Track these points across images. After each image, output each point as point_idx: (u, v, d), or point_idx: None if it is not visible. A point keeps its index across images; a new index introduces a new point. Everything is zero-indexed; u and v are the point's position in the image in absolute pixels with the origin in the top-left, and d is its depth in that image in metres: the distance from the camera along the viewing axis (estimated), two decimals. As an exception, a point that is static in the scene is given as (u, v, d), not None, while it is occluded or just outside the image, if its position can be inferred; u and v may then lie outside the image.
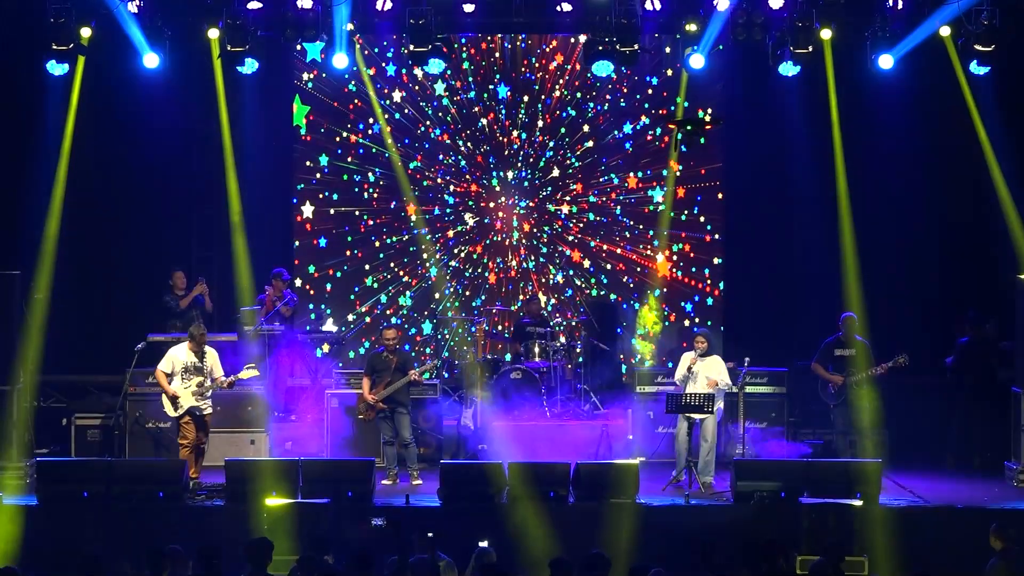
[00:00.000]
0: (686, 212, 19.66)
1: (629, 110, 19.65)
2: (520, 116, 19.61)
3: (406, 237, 19.64)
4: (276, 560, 12.12)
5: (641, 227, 19.69)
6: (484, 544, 12.61)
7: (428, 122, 19.54)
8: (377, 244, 19.63)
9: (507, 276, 19.80)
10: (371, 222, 19.63)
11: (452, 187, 19.70)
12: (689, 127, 15.77)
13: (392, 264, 19.65)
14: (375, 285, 19.64)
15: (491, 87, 19.59)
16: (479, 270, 19.80)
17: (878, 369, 16.17)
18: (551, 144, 19.66)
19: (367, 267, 19.64)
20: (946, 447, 17.20)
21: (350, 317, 19.60)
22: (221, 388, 15.49)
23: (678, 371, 15.89)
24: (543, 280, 19.76)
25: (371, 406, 15.99)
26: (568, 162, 19.71)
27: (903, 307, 18.43)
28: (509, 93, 19.57)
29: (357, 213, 19.60)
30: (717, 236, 19.65)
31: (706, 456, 15.61)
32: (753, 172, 19.30)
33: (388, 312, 19.60)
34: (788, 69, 16.93)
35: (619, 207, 19.72)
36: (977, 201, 18.06)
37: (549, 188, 19.76)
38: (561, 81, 19.57)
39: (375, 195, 19.62)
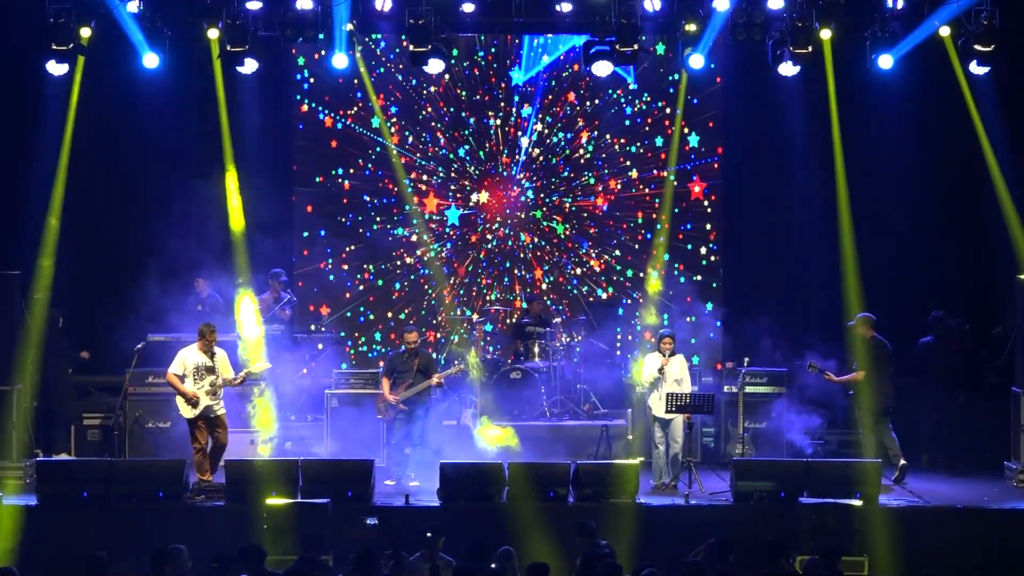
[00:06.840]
0: (686, 212, 19.63)
1: (629, 113, 19.64)
2: (521, 117, 19.61)
3: (405, 235, 19.65)
4: (276, 560, 12.15)
5: (640, 228, 19.68)
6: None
7: (428, 120, 19.56)
8: (379, 241, 19.66)
9: (507, 276, 19.79)
10: (371, 218, 19.66)
11: (452, 187, 19.69)
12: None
13: (392, 263, 19.67)
14: (380, 283, 19.67)
15: (491, 86, 19.62)
16: (480, 271, 19.79)
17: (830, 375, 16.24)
18: (552, 147, 19.65)
19: (367, 264, 19.66)
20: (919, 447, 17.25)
21: (348, 314, 19.62)
22: (234, 385, 15.38)
23: (646, 375, 15.87)
24: (542, 281, 19.74)
25: (392, 406, 15.96)
26: (568, 165, 19.70)
27: (902, 306, 18.40)
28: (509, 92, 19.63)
29: (358, 215, 19.63)
30: (716, 235, 19.62)
31: (673, 458, 15.68)
32: (753, 172, 19.29)
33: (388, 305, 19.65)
34: (788, 69, 16.93)
35: (617, 211, 19.71)
36: (976, 201, 18.04)
37: (549, 190, 19.74)
38: (564, 84, 19.61)
39: (377, 196, 19.66)
